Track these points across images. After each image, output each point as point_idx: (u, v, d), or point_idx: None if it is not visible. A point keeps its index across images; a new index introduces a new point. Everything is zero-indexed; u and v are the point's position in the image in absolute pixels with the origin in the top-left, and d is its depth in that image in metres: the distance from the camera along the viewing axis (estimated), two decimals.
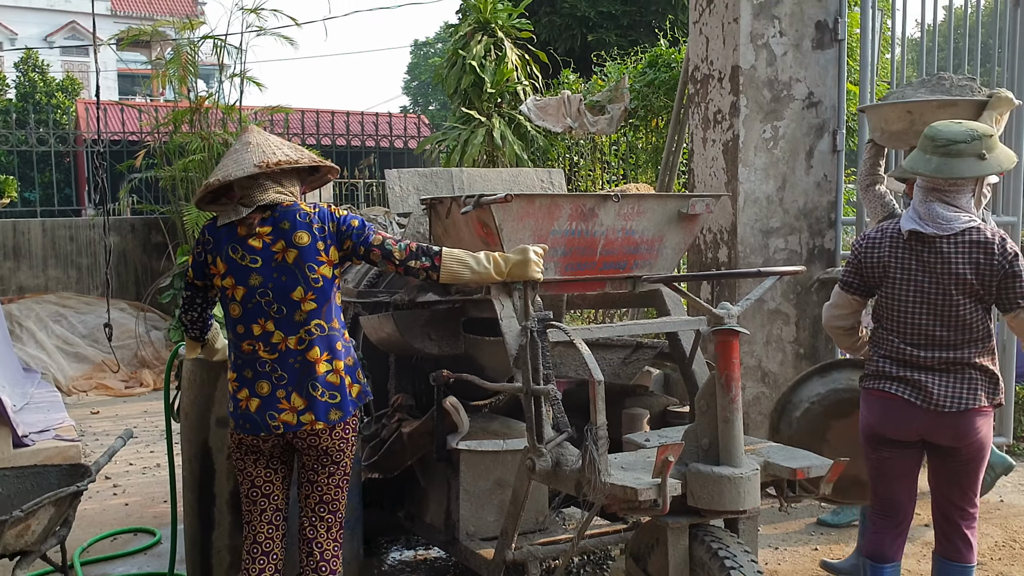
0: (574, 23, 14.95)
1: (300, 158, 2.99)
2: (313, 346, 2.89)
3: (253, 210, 2.92)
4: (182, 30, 10.07)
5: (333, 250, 2.94)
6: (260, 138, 3.02)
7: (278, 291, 2.89)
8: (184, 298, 3.19)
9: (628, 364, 4.04)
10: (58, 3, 37.39)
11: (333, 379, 2.91)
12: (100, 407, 8.03)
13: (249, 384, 2.93)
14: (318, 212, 2.95)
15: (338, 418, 2.90)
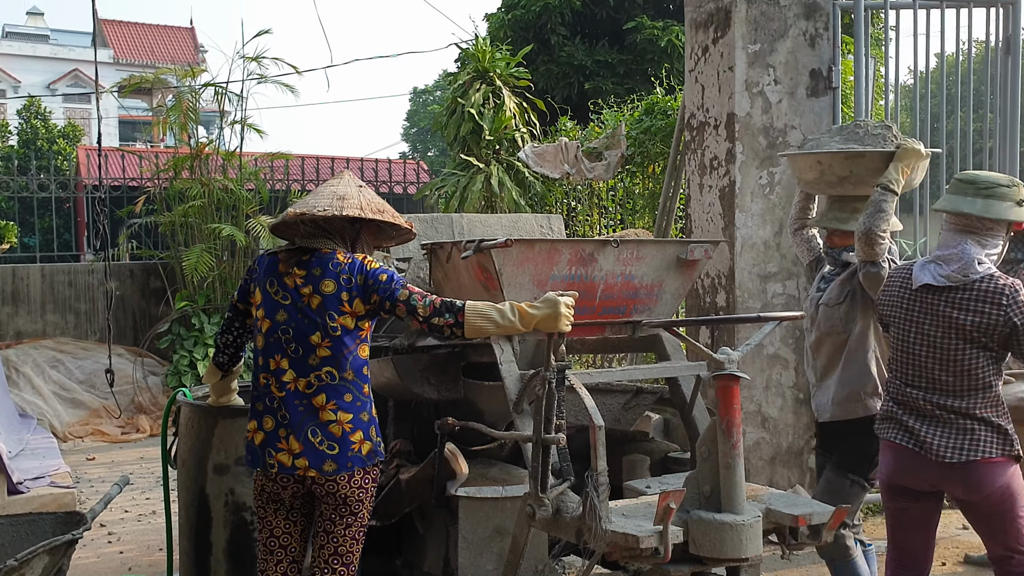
0: (571, 71, 15.14)
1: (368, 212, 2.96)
2: (321, 392, 2.89)
3: (292, 249, 2.99)
4: (183, 78, 10.18)
5: (358, 302, 2.93)
6: (347, 183, 3.04)
7: (298, 332, 2.91)
8: (224, 319, 3.24)
9: (628, 409, 4.03)
10: (61, 52, 37.91)
11: (335, 430, 2.88)
12: (96, 453, 7.97)
13: (258, 417, 2.96)
14: (350, 263, 2.95)
15: (332, 470, 2.86)
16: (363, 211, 2.95)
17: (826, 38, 5.03)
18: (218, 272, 9.39)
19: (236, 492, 3.64)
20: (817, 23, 5.02)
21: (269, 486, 2.95)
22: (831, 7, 5.03)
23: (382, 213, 3.01)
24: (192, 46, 38.91)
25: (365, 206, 2.97)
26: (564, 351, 2.87)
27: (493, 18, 16.28)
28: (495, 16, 16.31)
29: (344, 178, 3.09)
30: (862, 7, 4.94)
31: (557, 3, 15.03)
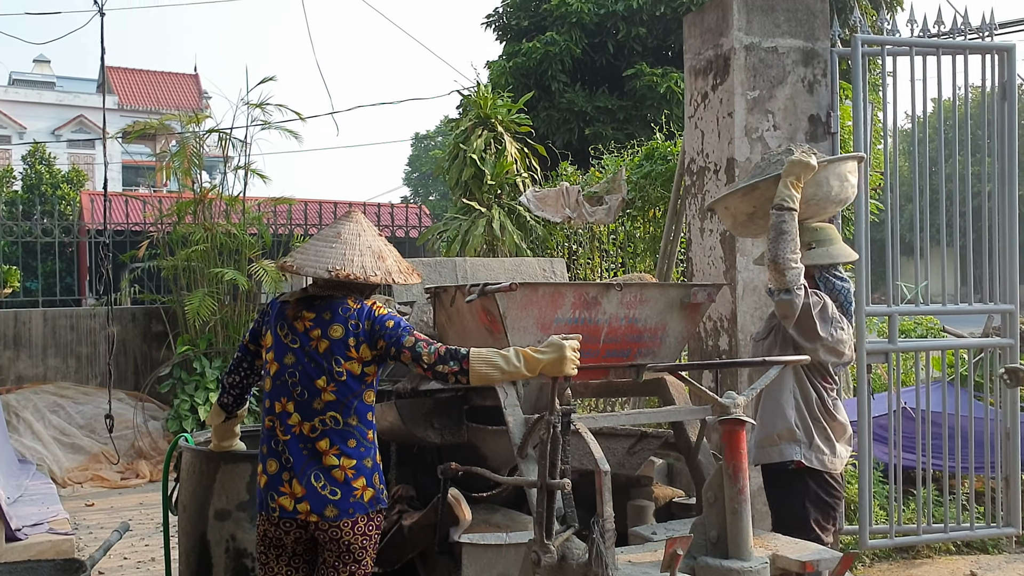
0: (572, 117, 15.31)
1: (370, 274, 2.95)
2: (325, 437, 2.89)
3: (302, 298, 3.00)
4: (187, 123, 10.29)
5: (365, 348, 2.94)
6: (351, 233, 3.02)
7: (304, 375, 2.92)
8: (234, 359, 3.24)
9: (633, 454, 4.01)
10: (67, 98, 38.32)
11: (338, 475, 2.88)
12: (96, 499, 7.90)
13: (264, 460, 2.97)
14: (358, 309, 2.97)
15: (334, 516, 2.86)
16: (401, 275, 2.99)
17: (824, 84, 5.10)
18: (220, 316, 9.40)
19: (237, 538, 3.61)
20: (815, 70, 5.09)
21: (272, 531, 2.94)
22: (829, 54, 5.11)
23: (411, 273, 3.05)
24: (196, 93, 39.37)
25: (401, 268, 3.01)
26: (569, 395, 2.87)
27: (495, 65, 16.50)
28: (496, 63, 16.53)
29: (365, 226, 3.06)
30: (859, 54, 5.01)
31: (557, 51, 15.24)
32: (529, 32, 16.40)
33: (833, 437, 3.49)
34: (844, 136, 6.59)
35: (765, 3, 4.99)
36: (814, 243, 3.57)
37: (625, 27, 15.43)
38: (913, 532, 5.17)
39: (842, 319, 3.50)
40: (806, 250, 3.53)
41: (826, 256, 3.54)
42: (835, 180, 3.51)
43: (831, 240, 3.61)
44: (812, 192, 3.47)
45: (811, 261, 3.53)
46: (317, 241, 3.03)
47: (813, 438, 3.45)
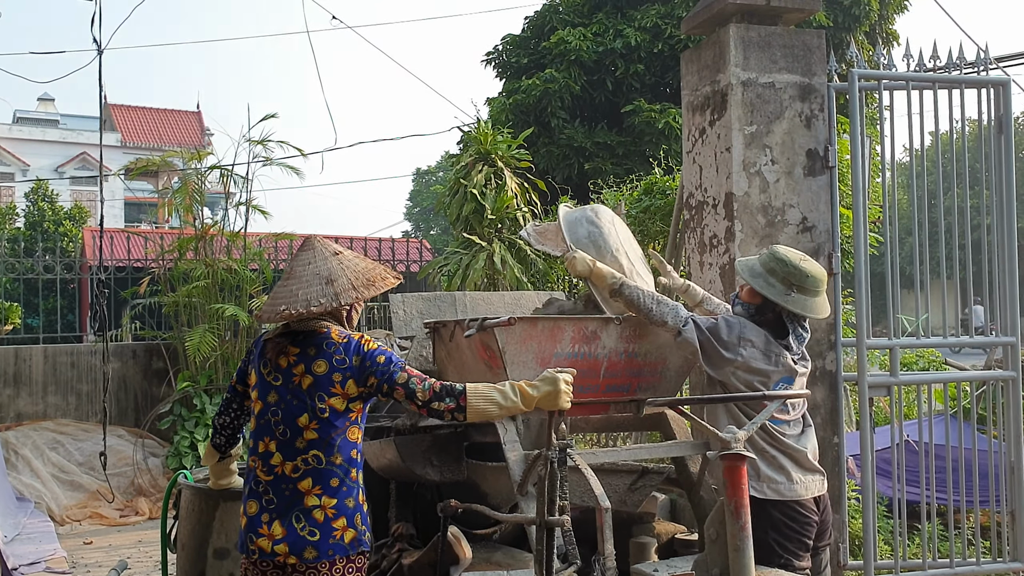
0: (571, 153, 15.41)
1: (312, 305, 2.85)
2: (307, 476, 2.82)
3: (284, 333, 2.93)
4: (189, 160, 10.35)
5: (351, 383, 2.85)
6: (300, 264, 2.95)
7: (287, 414, 2.85)
8: (223, 400, 3.19)
9: (634, 490, 3.98)
10: (70, 136, 38.63)
11: (318, 515, 2.80)
12: (94, 537, 7.83)
13: (245, 501, 2.91)
14: (345, 343, 2.88)
15: (313, 558, 2.77)
16: (356, 292, 2.89)
17: (821, 119, 5.13)
18: (220, 352, 9.39)
19: None
20: (812, 104, 5.13)
21: (251, 571, 2.88)
22: (826, 89, 5.15)
23: (372, 284, 2.94)
24: (199, 130, 39.68)
25: (357, 284, 2.90)
26: (565, 429, 2.85)
27: (495, 102, 16.65)
28: (496, 100, 16.68)
29: (317, 252, 2.98)
30: (856, 88, 5.05)
31: (557, 88, 15.37)
32: (529, 69, 16.56)
33: (788, 465, 3.43)
34: (843, 170, 6.63)
35: (762, 39, 5.04)
36: (794, 289, 3.50)
37: (623, 64, 15.59)
38: (919, 567, 5.11)
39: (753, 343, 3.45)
40: (785, 295, 3.49)
41: (798, 305, 3.49)
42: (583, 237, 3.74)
43: (813, 291, 3.55)
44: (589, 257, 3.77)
45: (785, 305, 3.49)
46: (279, 284, 2.98)
47: (760, 469, 3.40)
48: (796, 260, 3.50)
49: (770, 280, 3.48)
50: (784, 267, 3.47)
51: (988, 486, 5.27)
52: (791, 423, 3.54)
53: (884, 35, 16.49)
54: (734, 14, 5.04)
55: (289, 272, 2.97)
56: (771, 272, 3.49)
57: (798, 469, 3.48)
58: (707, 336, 3.42)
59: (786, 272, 3.47)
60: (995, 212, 5.40)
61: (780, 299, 3.45)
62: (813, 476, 3.51)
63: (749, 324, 3.50)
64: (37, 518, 7.23)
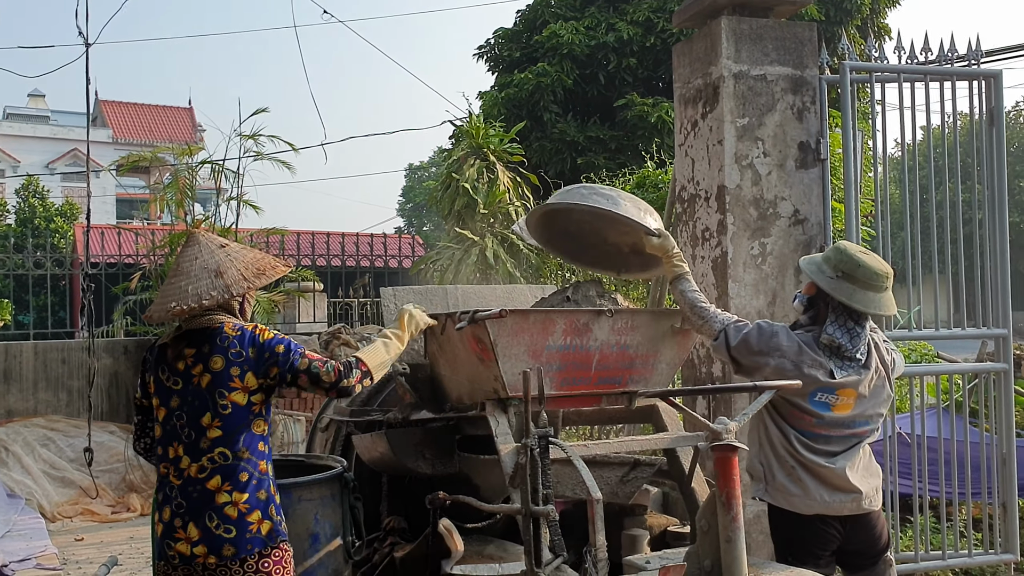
0: (564, 147, 15.40)
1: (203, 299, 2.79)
2: (214, 475, 2.77)
3: (179, 335, 2.86)
4: (181, 156, 10.31)
5: (250, 376, 2.80)
6: (187, 260, 2.87)
7: (190, 415, 2.80)
8: (135, 424, 3.08)
9: (626, 482, 3.97)
10: (61, 132, 38.47)
11: (230, 512, 2.76)
12: (85, 533, 7.80)
13: (159, 508, 2.85)
14: (239, 335, 2.82)
15: (231, 555, 2.73)
16: (247, 282, 2.85)
17: (813, 111, 5.13)
18: None
19: None
20: (804, 97, 5.12)
21: (164, 569, 2.83)
22: (817, 81, 5.14)
23: (263, 273, 2.90)
24: (190, 125, 39.54)
25: (247, 275, 2.86)
26: (545, 419, 2.85)
27: (487, 96, 16.63)
28: (489, 94, 16.66)
29: (203, 246, 2.91)
30: (848, 81, 5.04)
31: (549, 82, 15.37)
32: (521, 63, 16.55)
33: (807, 480, 3.29)
34: (834, 163, 6.63)
35: (753, 32, 5.03)
36: (844, 277, 3.31)
37: (616, 58, 15.58)
38: (911, 560, 5.12)
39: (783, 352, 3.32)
40: (829, 278, 3.34)
41: (843, 293, 3.29)
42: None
43: (864, 282, 3.31)
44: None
45: (827, 289, 3.33)
46: (165, 282, 2.92)
47: (774, 475, 3.35)
48: (853, 251, 3.35)
49: (823, 267, 3.35)
50: (839, 254, 3.34)
51: (980, 478, 5.28)
52: (828, 438, 3.33)
53: (876, 29, 16.52)
54: (726, 7, 5.03)
55: (176, 269, 2.89)
56: (826, 260, 3.37)
57: (822, 487, 3.29)
58: (737, 347, 3.35)
59: (839, 259, 3.33)
60: (986, 206, 5.41)
61: (823, 281, 3.30)
62: (844, 496, 3.31)
63: (783, 331, 3.36)
64: (28, 515, 7.20)
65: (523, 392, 2.82)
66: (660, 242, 3.54)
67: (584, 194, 3.60)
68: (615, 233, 3.92)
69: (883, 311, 3.33)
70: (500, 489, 3.58)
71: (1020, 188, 28.11)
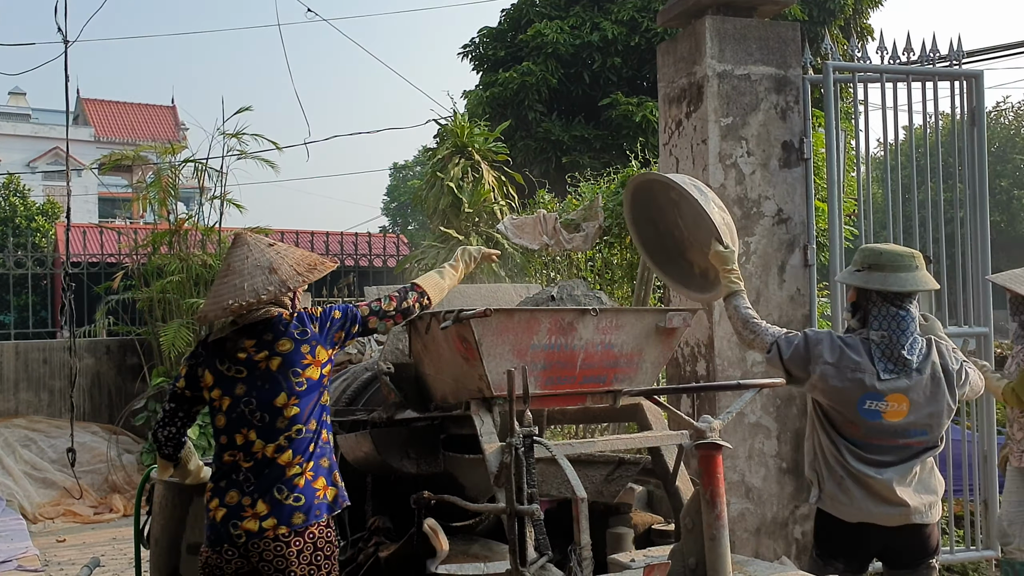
0: (549, 147, 15.41)
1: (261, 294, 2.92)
2: (287, 450, 2.88)
3: (239, 330, 2.96)
4: (164, 154, 10.24)
5: (320, 349, 2.97)
6: (238, 259, 2.99)
7: (261, 399, 2.89)
8: (166, 411, 3.13)
9: (611, 481, 3.97)
10: (42, 130, 38.13)
11: (299, 482, 2.87)
12: (67, 534, 7.75)
13: (221, 494, 2.91)
14: (297, 318, 2.98)
15: (301, 522, 2.83)
16: (301, 276, 3.00)
17: (797, 111, 5.15)
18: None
19: None
20: (787, 97, 5.14)
21: (213, 559, 2.89)
22: (801, 81, 5.16)
23: (314, 268, 3.06)
24: (173, 124, 39.29)
25: (300, 270, 3.01)
26: (530, 417, 2.86)
27: (471, 95, 16.62)
28: (473, 93, 16.64)
29: (252, 245, 3.05)
30: (831, 81, 5.07)
31: (534, 81, 15.37)
32: (505, 62, 16.55)
33: (854, 489, 3.29)
34: (818, 163, 6.66)
35: (737, 31, 5.05)
36: (870, 268, 3.33)
37: (600, 57, 15.60)
38: None
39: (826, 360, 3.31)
40: (854, 271, 3.38)
41: (874, 281, 3.29)
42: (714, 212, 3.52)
43: (892, 266, 3.30)
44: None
45: (854, 283, 3.36)
46: (216, 282, 3.03)
47: (824, 484, 3.40)
48: (873, 244, 3.44)
49: (851, 270, 3.40)
50: (860, 252, 3.41)
51: (962, 475, 5.32)
52: (881, 448, 3.30)
53: (859, 29, 16.62)
54: (710, 6, 5.05)
55: (226, 268, 3.01)
56: (852, 263, 3.44)
57: (869, 498, 3.28)
58: (790, 359, 3.40)
59: (862, 256, 3.38)
60: (968, 205, 5.45)
61: (855, 279, 3.33)
62: (890, 508, 3.28)
63: (827, 338, 3.37)
64: (9, 516, 7.15)
65: (508, 391, 2.82)
66: (725, 254, 3.55)
67: (685, 181, 3.60)
68: (694, 249, 3.91)
69: (921, 287, 3.28)
70: (485, 488, 3.58)
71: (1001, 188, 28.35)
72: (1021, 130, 30.46)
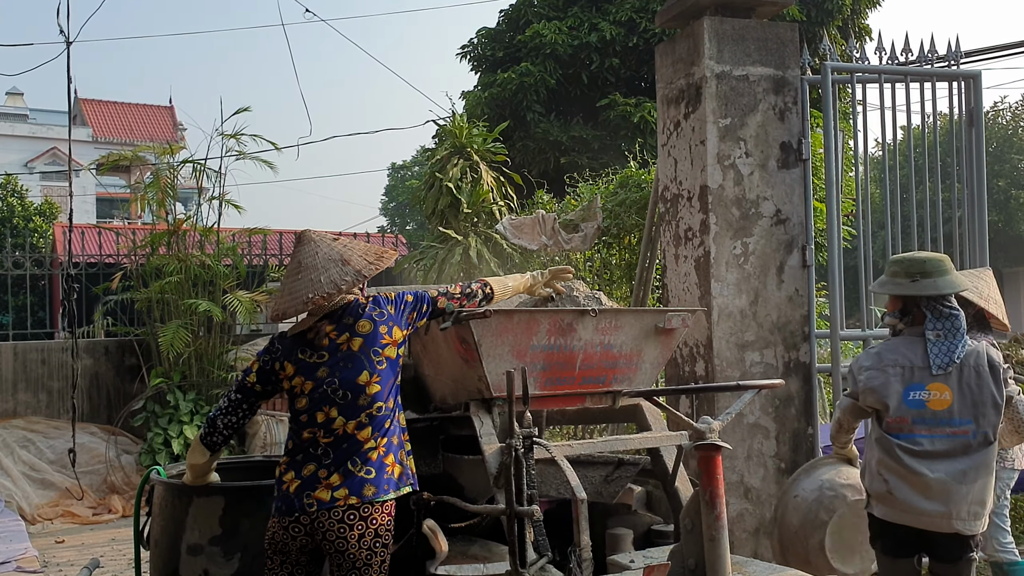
0: (547, 147, 15.41)
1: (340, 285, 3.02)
2: (367, 427, 2.98)
3: (319, 319, 3.06)
4: (162, 155, 10.23)
5: (396, 330, 3.10)
6: (308, 255, 3.09)
7: (344, 379, 2.99)
8: (231, 400, 3.18)
9: (610, 482, 3.98)
10: (40, 131, 38.07)
11: (372, 455, 2.96)
12: (66, 535, 7.74)
13: (297, 467, 2.99)
14: (372, 301, 3.12)
15: (372, 494, 2.91)
16: (373, 265, 3.10)
17: (795, 112, 5.16)
18: (194, 348, 9.29)
19: (210, 573, 3.53)
20: (786, 97, 5.15)
21: (280, 535, 2.99)
22: (799, 82, 5.17)
23: (381, 257, 3.16)
24: (171, 124, 39.24)
25: (370, 259, 3.12)
26: (529, 419, 2.87)
27: (470, 96, 16.62)
28: (472, 94, 16.65)
29: (318, 241, 3.15)
30: (829, 81, 5.08)
31: (532, 81, 15.37)
32: (504, 63, 16.55)
33: (903, 487, 3.38)
34: (816, 163, 6.67)
35: (736, 32, 5.05)
36: (897, 275, 3.53)
37: (599, 58, 15.61)
38: None
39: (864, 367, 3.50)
40: (883, 283, 3.59)
41: (929, 288, 3.46)
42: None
43: (921, 272, 3.50)
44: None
45: (918, 292, 3.49)
46: (287, 279, 3.11)
47: (875, 489, 3.48)
48: (910, 256, 3.59)
49: (897, 281, 3.53)
50: (903, 263, 3.54)
51: None
52: (932, 439, 3.36)
53: (857, 30, 16.63)
54: (708, 7, 5.05)
55: (297, 266, 3.10)
56: (894, 274, 3.57)
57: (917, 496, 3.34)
58: (848, 397, 3.61)
59: (907, 267, 3.52)
60: (966, 205, 5.46)
61: (908, 290, 3.47)
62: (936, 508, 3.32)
63: (863, 354, 3.60)
64: (8, 517, 7.14)
65: (507, 392, 2.82)
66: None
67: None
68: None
69: (964, 287, 3.54)
70: (485, 489, 3.58)
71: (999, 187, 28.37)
72: (1019, 130, 30.49)
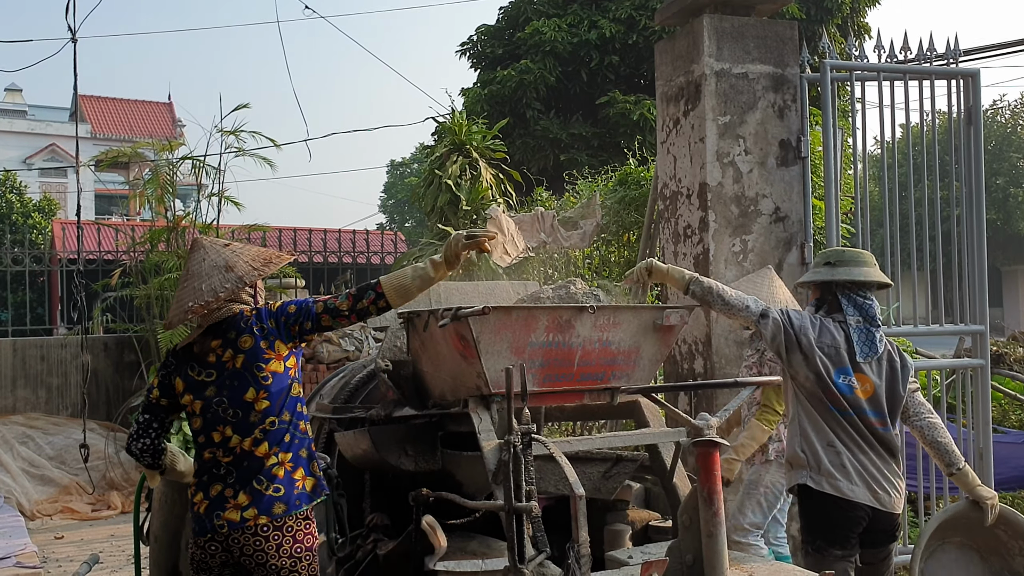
0: (546, 144, 15.41)
1: (219, 292, 2.96)
2: (264, 442, 2.93)
3: (204, 332, 3.01)
4: (161, 151, 10.22)
5: (279, 344, 3.00)
6: (196, 262, 3.04)
7: (231, 397, 2.95)
8: (139, 423, 3.14)
9: (608, 478, 3.99)
10: (38, 127, 38.03)
11: (278, 472, 2.92)
12: (65, 531, 7.75)
13: (204, 488, 2.96)
14: (256, 314, 3.03)
15: (282, 512, 2.87)
16: (257, 271, 3.04)
17: (794, 109, 5.17)
18: None
19: None
20: (785, 95, 5.16)
21: (198, 554, 2.95)
22: (798, 80, 5.18)
23: (269, 262, 3.09)
24: (170, 121, 39.21)
25: (256, 265, 3.05)
26: (528, 415, 2.87)
27: (469, 93, 16.61)
28: (471, 91, 16.64)
29: (208, 248, 3.11)
30: (828, 79, 5.08)
31: (532, 79, 15.37)
32: (503, 60, 16.55)
33: (849, 464, 3.39)
34: (815, 161, 6.67)
35: (735, 30, 5.06)
36: (832, 264, 3.55)
37: (598, 56, 15.60)
38: None
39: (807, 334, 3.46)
40: (817, 268, 3.59)
41: (840, 274, 3.51)
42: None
43: (854, 261, 3.56)
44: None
45: (820, 278, 3.55)
46: (179, 288, 3.09)
47: (821, 463, 3.41)
48: (834, 247, 3.70)
49: (815, 270, 3.60)
50: (823, 254, 3.63)
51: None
52: (863, 427, 3.44)
53: (856, 28, 16.63)
54: (707, 5, 5.06)
55: (186, 273, 3.07)
56: (815, 264, 3.66)
57: (865, 477, 3.40)
58: (780, 326, 3.49)
59: (825, 256, 3.61)
60: (964, 203, 5.46)
61: (825, 275, 3.51)
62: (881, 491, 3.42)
63: (807, 318, 3.54)
64: (7, 513, 7.14)
65: (506, 389, 2.83)
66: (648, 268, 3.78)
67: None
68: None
69: (883, 279, 3.57)
70: (483, 486, 3.59)
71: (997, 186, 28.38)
72: (1017, 128, 30.50)
